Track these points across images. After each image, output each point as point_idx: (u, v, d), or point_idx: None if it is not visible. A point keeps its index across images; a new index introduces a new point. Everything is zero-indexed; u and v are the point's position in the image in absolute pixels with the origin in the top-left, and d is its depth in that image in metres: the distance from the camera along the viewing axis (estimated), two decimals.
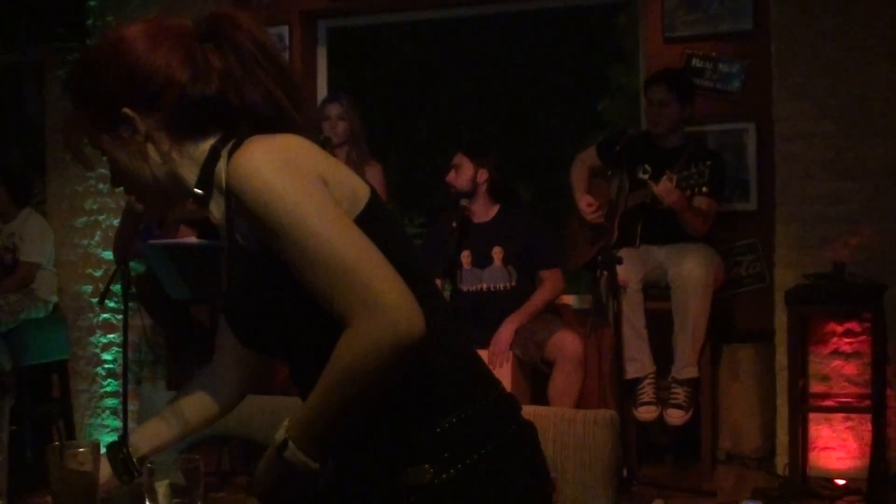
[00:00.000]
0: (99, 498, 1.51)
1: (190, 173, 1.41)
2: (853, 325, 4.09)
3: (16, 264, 4.95)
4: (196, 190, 1.40)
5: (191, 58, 1.38)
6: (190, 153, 1.41)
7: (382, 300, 1.22)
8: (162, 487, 1.47)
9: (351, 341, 1.23)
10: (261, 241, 1.33)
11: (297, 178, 1.28)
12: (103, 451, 1.56)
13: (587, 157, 4.65)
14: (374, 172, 4.57)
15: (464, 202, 4.36)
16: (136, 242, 4.22)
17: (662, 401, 4.13)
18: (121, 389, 4.50)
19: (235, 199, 1.31)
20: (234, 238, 1.38)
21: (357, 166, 4.45)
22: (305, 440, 1.29)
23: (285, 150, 1.32)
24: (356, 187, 1.38)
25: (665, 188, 3.99)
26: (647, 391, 4.13)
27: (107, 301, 4.75)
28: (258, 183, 1.27)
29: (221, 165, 1.38)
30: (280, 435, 1.30)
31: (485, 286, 4.29)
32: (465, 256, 4.33)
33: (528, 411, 1.50)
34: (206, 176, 1.40)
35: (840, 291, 3.92)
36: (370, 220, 1.35)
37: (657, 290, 4.21)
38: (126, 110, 1.38)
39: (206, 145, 1.40)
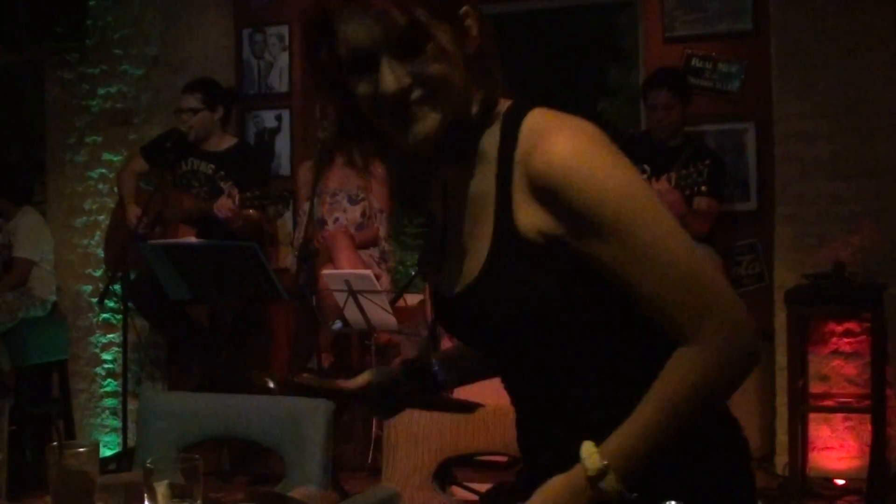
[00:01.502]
0: (98, 498, 1.50)
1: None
2: (853, 325, 4.09)
3: (12, 262, 4.95)
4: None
5: None
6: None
7: (732, 311, 1.17)
8: (161, 487, 1.47)
9: (701, 355, 1.17)
10: (551, 234, 1.20)
11: (626, 172, 1.17)
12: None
13: None
14: (379, 172, 4.56)
15: None
16: (130, 249, 4.20)
17: None
18: (120, 389, 4.49)
19: (546, 189, 1.18)
20: (511, 222, 1.23)
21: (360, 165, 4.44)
22: (629, 469, 1.19)
23: (596, 135, 1.19)
24: None
25: (660, 189, 3.99)
26: None
27: (106, 301, 4.75)
28: (589, 178, 1.15)
29: (494, 133, 1.26)
30: (594, 463, 1.19)
31: None
32: None
33: None
34: (473, 136, 1.28)
35: (840, 291, 3.92)
36: None
37: None
38: (469, 9, 1.27)
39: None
